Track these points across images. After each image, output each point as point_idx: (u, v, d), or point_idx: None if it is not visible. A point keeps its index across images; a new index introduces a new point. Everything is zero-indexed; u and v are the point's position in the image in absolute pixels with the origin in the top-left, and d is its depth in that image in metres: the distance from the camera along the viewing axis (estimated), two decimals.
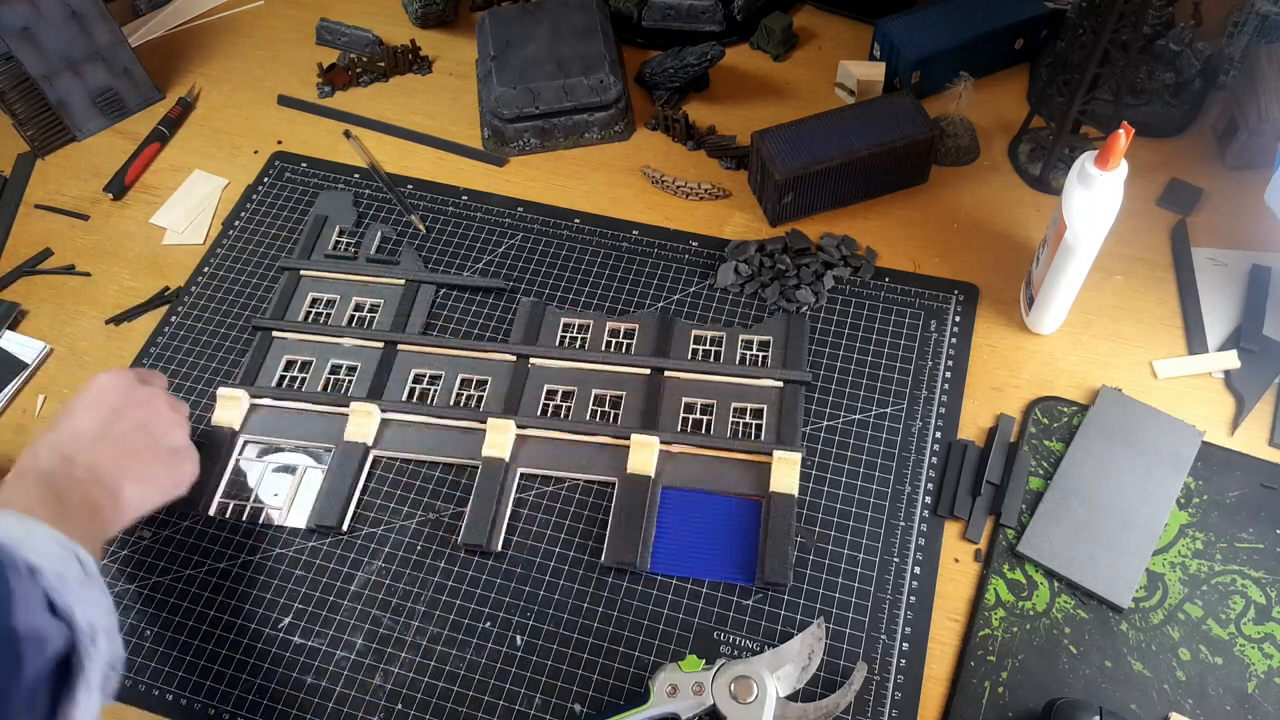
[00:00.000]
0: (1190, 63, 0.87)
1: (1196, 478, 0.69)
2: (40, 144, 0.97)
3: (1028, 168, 0.88)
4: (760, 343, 0.78)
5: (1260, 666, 0.62)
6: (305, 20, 1.08)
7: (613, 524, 0.69)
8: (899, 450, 0.72)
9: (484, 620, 0.67)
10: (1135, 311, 0.79)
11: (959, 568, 0.67)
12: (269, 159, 0.96)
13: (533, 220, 0.88)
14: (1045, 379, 0.75)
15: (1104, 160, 0.63)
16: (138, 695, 0.65)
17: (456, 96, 1.00)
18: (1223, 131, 0.88)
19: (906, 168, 0.86)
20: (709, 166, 0.92)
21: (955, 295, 0.80)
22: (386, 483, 0.73)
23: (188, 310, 0.84)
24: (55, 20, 0.91)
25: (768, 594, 0.66)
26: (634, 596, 0.67)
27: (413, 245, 0.87)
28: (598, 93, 0.90)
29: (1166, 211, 0.84)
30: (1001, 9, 0.93)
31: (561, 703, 0.63)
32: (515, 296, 0.83)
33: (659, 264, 0.84)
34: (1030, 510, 0.68)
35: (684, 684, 0.60)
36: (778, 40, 0.99)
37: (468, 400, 0.77)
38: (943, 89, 0.91)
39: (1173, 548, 0.66)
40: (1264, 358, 0.74)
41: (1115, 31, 0.73)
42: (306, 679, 0.65)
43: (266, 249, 0.88)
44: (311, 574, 0.69)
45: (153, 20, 1.10)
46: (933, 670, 0.63)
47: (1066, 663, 0.63)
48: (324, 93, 1.01)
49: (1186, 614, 0.64)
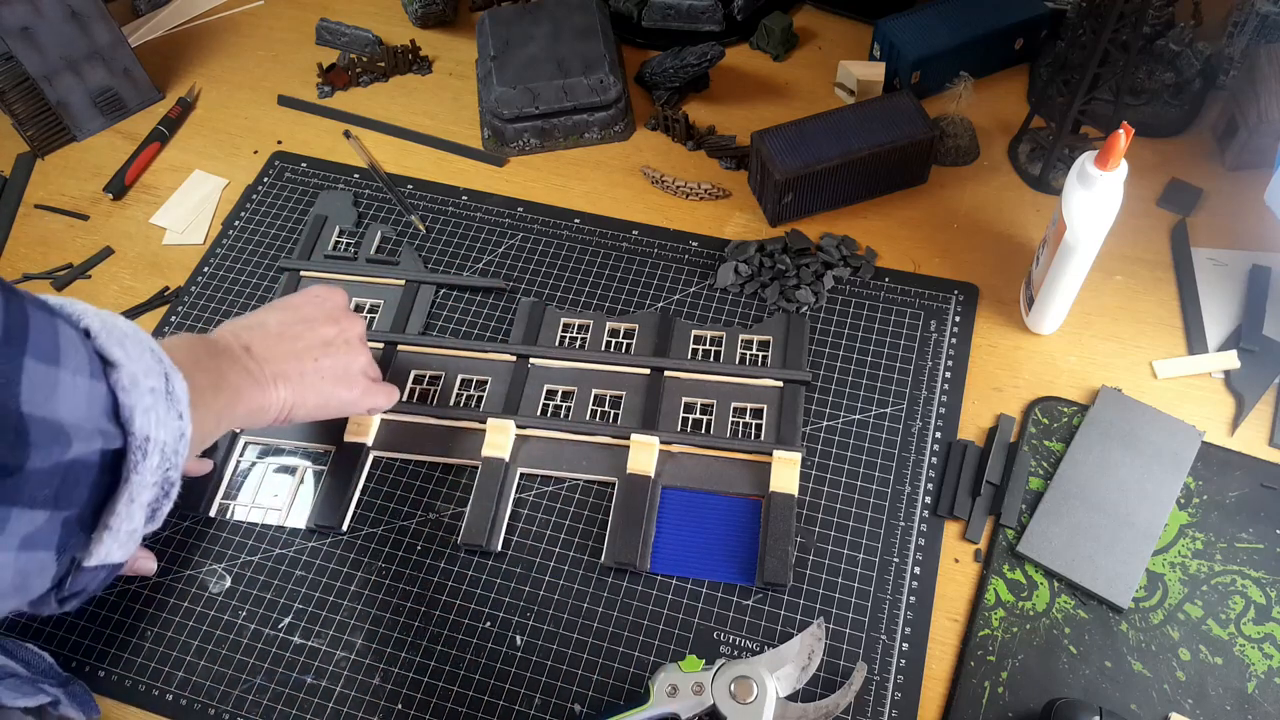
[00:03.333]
0: (1190, 63, 0.87)
1: (1196, 478, 0.69)
2: (40, 144, 0.97)
3: (1028, 168, 0.88)
4: (760, 342, 0.78)
5: (1260, 666, 0.62)
6: (305, 20, 1.08)
7: (613, 524, 0.69)
8: (899, 450, 0.72)
9: (484, 620, 0.67)
10: (1135, 312, 0.79)
11: (959, 568, 0.67)
12: (269, 159, 0.96)
13: (532, 220, 0.88)
14: (1045, 379, 0.75)
15: (1104, 160, 0.64)
16: (138, 695, 0.65)
17: (456, 96, 1.00)
18: (1223, 132, 0.88)
19: (906, 168, 0.86)
20: (709, 166, 0.92)
21: (955, 295, 0.80)
22: (386, 483, 0.73)
23: (188, 310, 0.84)
24: (55, 20, 0.91)
25: (768, 594, 0.66)
26: (634, 596, 0.67)
27: (412, 245, 0.87)
28: (597, 93, 0.90)
29: (1166, 212, 0.84)
30: (1001, 9, 0.93)
31: (561, 702, 0.63)
32: (515, 296, 0.83)
33: (659, 264, 0.84)
34: (1030, 510, 0.68)
35: (684, 684, 0.60)
36: (777, 40, 0.99)
37: (468, 400, 0.77)
38: (943, 89, 0.91)
39: (1173, 548, 0.66)
40: (1264, 358, 0.74)
41: (1115, 31, 0.73)
42: (306, 679, 0.65)
43: (266, 249, 0.88)
44: (311, 574, 0.69)
45: (152, 20, 1.10)
46: (932, 670, 0.63)
47: (1066, 663, 0.63)
48: (324, 93, 1.01)
49: (1186, 614, 0.64)
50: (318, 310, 0.66)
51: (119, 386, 0.45)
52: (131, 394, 0.45)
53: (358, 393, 0.66)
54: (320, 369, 0.63)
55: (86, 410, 0.43)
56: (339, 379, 0.65)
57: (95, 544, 0.45)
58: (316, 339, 0.64)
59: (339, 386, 0.64)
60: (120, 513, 0.45)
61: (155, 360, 0.48)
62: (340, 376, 0.65)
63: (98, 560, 0.45)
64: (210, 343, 0.59)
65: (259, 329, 0.62)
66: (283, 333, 0.63)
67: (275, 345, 0.62)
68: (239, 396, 0.57)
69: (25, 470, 0.40)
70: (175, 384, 0.48)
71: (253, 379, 0.59)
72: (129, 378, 0.45)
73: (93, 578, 0.46)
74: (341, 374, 0.65)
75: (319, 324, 0.65)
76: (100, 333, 0.46)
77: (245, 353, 0.60)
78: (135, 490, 0.45)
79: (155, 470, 0.46)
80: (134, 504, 0.45)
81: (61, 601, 0.46)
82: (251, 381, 0.59)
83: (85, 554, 0.45)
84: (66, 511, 0.43)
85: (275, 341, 0.62)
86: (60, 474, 0.42)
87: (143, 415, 0.45)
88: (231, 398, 0.57)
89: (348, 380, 0.65)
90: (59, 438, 0.41)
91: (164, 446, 0.46)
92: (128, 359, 0.46)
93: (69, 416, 0.42)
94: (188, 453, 0.48)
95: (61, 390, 0.42)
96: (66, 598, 0.46)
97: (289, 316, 0.65)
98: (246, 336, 0.61)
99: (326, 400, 0.64)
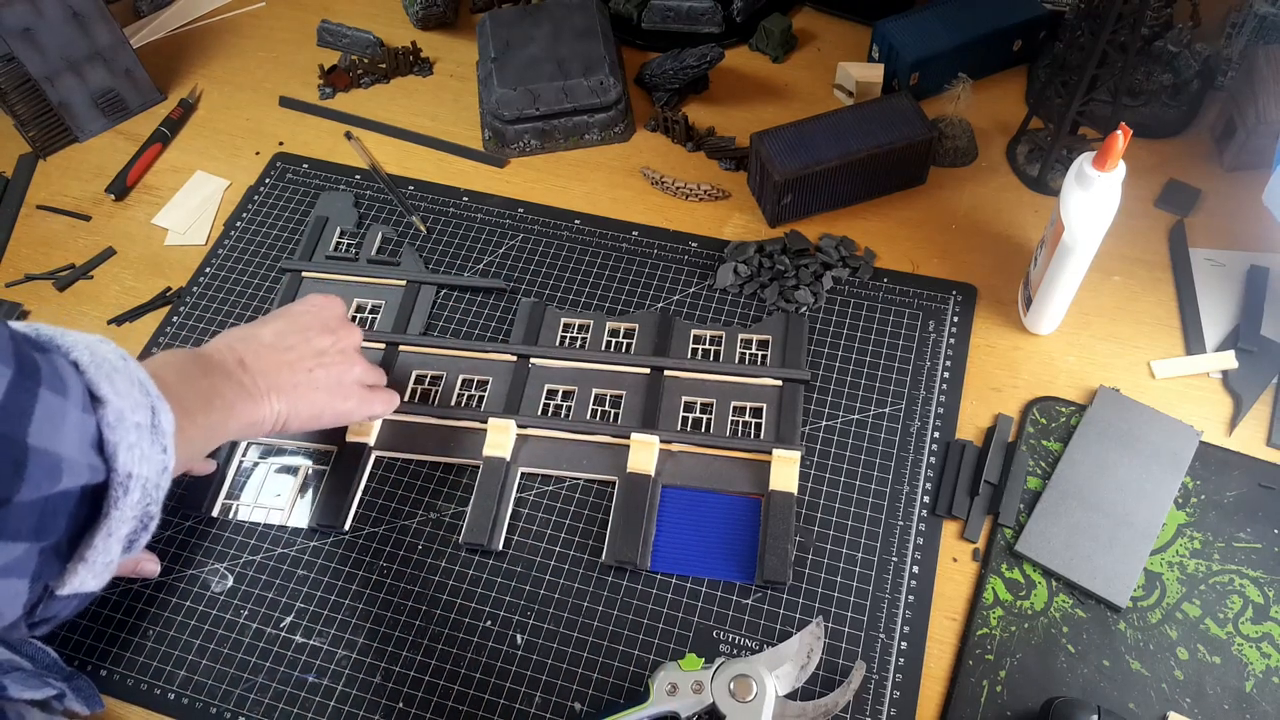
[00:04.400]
0: (1188, 64, 0.88)
1: (1194, 477, 0.69)
2: (42, 145, 0.98)
3: (1026, 169, 0.88)
4: (759, 342, 0.78)
5: (1258, 666, 0.62)
6: (306, 22, 1.08)
7: (613, 523, 0.69)
8: (898, 450, 0.72)
9: (485, 619, 0.67)
10: (1133, 312, 0.79)
11: (957, 567, 0.67)
12: (270, 160, 0.96)
13: (533, 221, 0.89)
14: (1043, 379, 0.76)
15: (1102, 161, 0.64)
16: (138, 694, 0.65)
17: (457, 98, 1.00)
18: (1221, 132, 0.88)
19: (905, 169, 0.86)
20: (708, 167, 0.92)
21: (954, 296, 0.80)
22: (388, 483, 0.74)
23: (189, 311, 0.85)
24: (56, 21, 0.91)
25: (767, 593, 0.67)
26: (634, 595, 0.67)
27: (413, 246, 0.87)
28: (598, 94, 0.91)
29: (1164, 212, 0.85)
30: (1000, 10, 0.93)
31: (562, 701, 0.64)
32: (515, 297, 0.83)
33: (659, 265, 0.84)
34: (1028, 510, 0.68)
35: (684, 682, 0.60)
36: (777, 42, 0.99)
37: (468, 400, 0.77)
38: (941, 90, 0.91)
39: (1170, 547, 0.67)
40: (1262, 358, 0.74)
41: (1113, 33, 0.74)
42: (308, 678, 0.65)
43: (268, 250, 0.88)
44: (313, 573, 0.70)
45: (154, 21, 1.11)
46: (931, 669, 0.64)
47: (1064, 662, 0.63)
48: (325, 94, 1.01)
49: (1184, 613, 0.64)
50: (314, 320, 0.66)
51: (104, 422, 0.45)
52: (117, 430, 0.45)
53: (353, 403, 0.66)
54: (314, 380, 0.63)
55: (79, 443, 0.43)
56: (333, 390, 0.65)
57: (70, 574, 0.45)
58: (310, 350, 0.64)
59: (333, 397, 0.65)
60: (98, 546, 0.45)
61: (142, 394, 0.48)
62: (334, 387, 0.65)
63: (71, 589, 0.45)
64: (204, 359, 0.59)
65: (253, 340, 0.63)
66: (277, 343, 0.63)
67: (269, 357, 0.62)
68: (232, 412, 0.58)
69: (13, 503, 0.40)
70: (162, 417, 0.48)
71: (246, 393, 0.59)
72: (115, 414, 0.45)
73: (65, 605, 0.46)
74: (335, 385, 0.65)
75: (314, 334, 0.65)
76: (89, 367, 0.46)
77: (239, 366, 0.60)
78: (114, 525, 0.45)
79: (135, 505, 0.46)
80: (111, 538, 0.45)
81: (32, 626, 0.46)
82: (245, 395, 0.59)
83: (59, 583, 0.45)
84: (45, 542, 0.42)
85: (269, 353, 0.62)
86: (42, 505, 0.42)
87: (126, 451, 0.45)
88: (224, 414, 0.57)
89: (342, 391, 0.65)
90: (53, 471, 0.41)
91: (145, 482, 0.46)
92: (115, 394, 0.46)
93: (68, 449, 0.42)
94: (169, 483, 0.49)
95: (68, 423, 0.42)
96: (37, 623, 0.46)
97: (285, 326, 0.65)
98: (241, 349, 0.61)
99: (320, 411, 0.64)
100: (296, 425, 0.63)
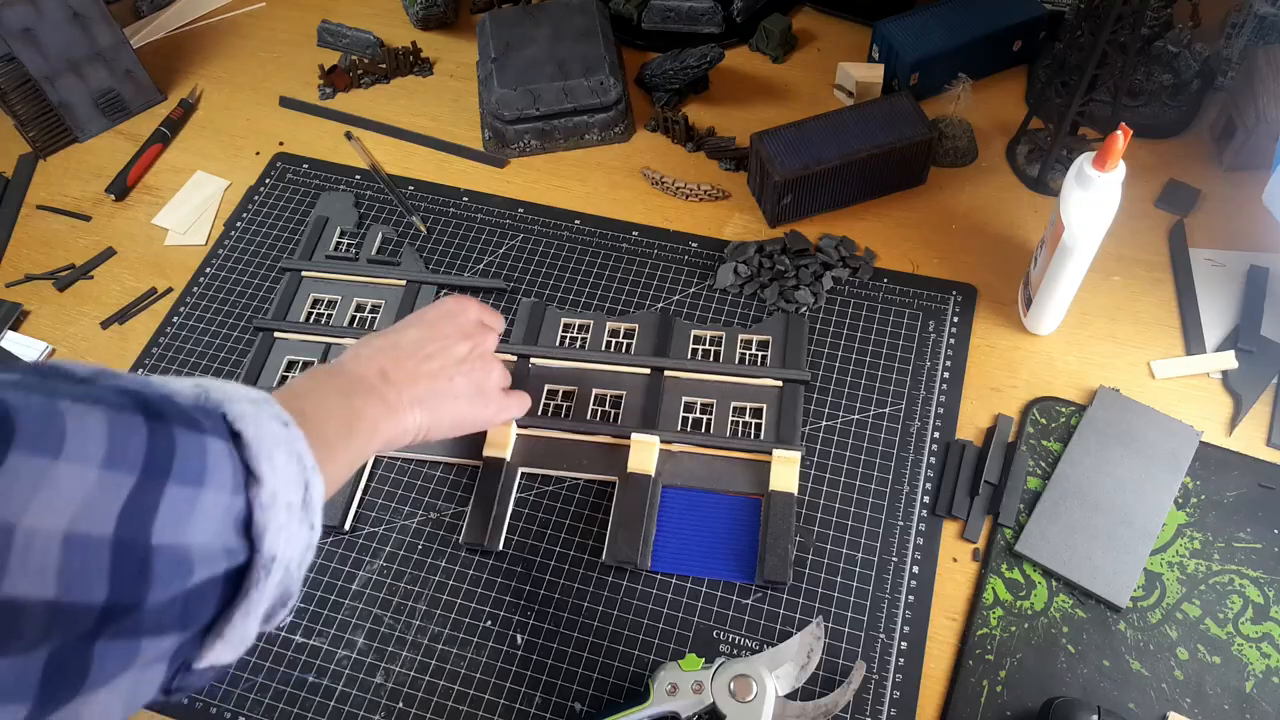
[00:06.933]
0: (1188, 64, 0.88)
1: (1194, 477, 0.69)
2: (42, 145, 0.98)
3: (1026, 169, 0.88)
4: (759, 342, 0.78)
5: (1258, 666, 0.62)
6: (306, 22, 1.09)
7: (613, 523, 0.69)
8: (898, 450, 0.72)
9: (485, 619, 0.67)
10: (1133, 312, 0.79)
11: (957, 567, 0.67)
12: (270, 160, 0.96)
13: (533, 221, 0.89)
14: (1043, 379, 0.76)
15: (1102, 161, 0.64)
16: None
17: (457, 98, 1.00)
18: (1220, 132, 0.88)
19: (905, 169, 0.86)
20: (708, 168, 0.92)
21: (954, 296, 0.81)
22: (388, 482, 0.74)
23: (189, 311, 0.85)
24: (57, 21, 0.91)
25: (767, 593, 0.67)
26: (634, 595, 0.67)
27: (414, 246, 0.87)
28: (598, 94, 0.91)
29: (1164, 212, 0.85)
30: (1000, 11, 0.93)
31: (562, 701, 0.64)
32: (516, 297, 0.83)
33: (659, 265, 0.84)
34: (1028, 510, 0.69)
35: (684, 682, 0.60)
36: (777, 42, 0.99)
37: None
38: (941, 90, 0.91)
39: (1170, 547, 0.67)
40: (1262, 358, 0.74)
41: (1113, 33, 0.74)
42: (308, 678, 0.65)
43: (268, 250, 0.88)
44: (313, 573, 0.69)
45: (154, 22, 1.11)
46: (931, 669, 0.64)
47: (1064, 662, 0.63)
48: (325, 94, 1.01)
49: (1184, 613, 0.64)
50: (451, 326, 0.64)
51: (257, 502, 0.43)
52: (269, 511, 0.43)
53: (493, 409, 0.65)
54: (455, 389, 0.61)
55: (218, 528, 0.41)
56: (474, 397, 0.63)
57: (207, 649, 0.43)
58: (451, 358, 0.62)
59: (474, 405, 0.63)
60: (235, 623, 0.43)
61: (299, 468, 0.45)
62: (475, 394, 0.63)
63: (208, 663, 0.44)
64: (345, 376, 0.57)
65: (393, 350, 0.60)
66: (417, 352, 0.61)
67: (411, 367, 0.60)
68: (376, 433, 0.56)
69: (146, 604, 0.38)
70: (313, 490, 0.46)
71: (389, 408, 0.57)
72: (269, 494, 0.43)
73: (200, 677, 0.45)
74: (476, 391, 0.63)
75: (453, 341, 0.63)
76: (253, 441, 0.43)
77: (381, 379, 0.58)
78: (252, 605, 0.43)
79: (276, 585, 0.44)
80: (249, 617, 0.44)
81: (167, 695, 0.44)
82: (388, 411, 0.57)
83: (196, 657, 0.43)
84: (190, 630, 0.41)
85: (411, 363, 0.60)
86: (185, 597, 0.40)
87: (274, 534, 0.43)
88: (367, 437, 0.55)
89: (483, 397, 0.64)
90: (180, 567, 0.39)
91: (289, 563, 0.45)
92: (272, 472, 0.43)
93: (198, 539, 0.40)
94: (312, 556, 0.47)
95: (199, 511, 0.40)
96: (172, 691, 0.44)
97: (424, 334, 0.63)
98: (381, 360, 0.59)
99: (462, 419, 0.62)
100: (438, 435, 0.61)
